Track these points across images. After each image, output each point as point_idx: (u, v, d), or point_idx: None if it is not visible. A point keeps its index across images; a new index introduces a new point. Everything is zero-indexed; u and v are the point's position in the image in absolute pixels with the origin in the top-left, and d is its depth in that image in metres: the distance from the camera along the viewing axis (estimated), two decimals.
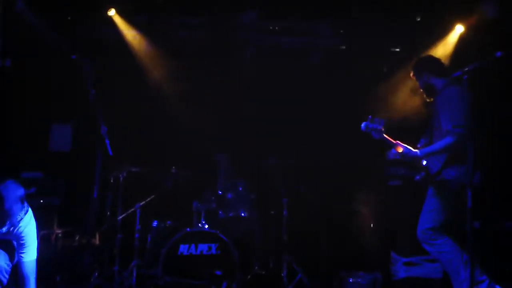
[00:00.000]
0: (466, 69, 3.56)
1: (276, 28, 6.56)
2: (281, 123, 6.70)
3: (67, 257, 5.64)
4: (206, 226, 5.38)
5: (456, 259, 4.05)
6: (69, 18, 6.07)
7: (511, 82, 5.49)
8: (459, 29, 6.03)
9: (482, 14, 5.72)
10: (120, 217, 5.53)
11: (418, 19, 6.11)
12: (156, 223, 5.65)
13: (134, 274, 5.19)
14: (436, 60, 4.49)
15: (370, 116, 4.09)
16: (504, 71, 4.88)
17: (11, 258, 3.78)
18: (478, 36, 5.80)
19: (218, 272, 5.09)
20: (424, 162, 4.26)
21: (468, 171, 3.56)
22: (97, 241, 5.82)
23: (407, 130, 6.05)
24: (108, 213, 5.86)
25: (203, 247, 5.18)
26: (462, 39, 6.04)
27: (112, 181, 5.77)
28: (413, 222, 5.27)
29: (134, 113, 6.50)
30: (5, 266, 3.71)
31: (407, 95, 6.57)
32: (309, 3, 6.02)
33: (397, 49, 6.80)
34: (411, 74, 4.51)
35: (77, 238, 5.82)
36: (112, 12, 6.06)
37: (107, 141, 3.86)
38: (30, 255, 3.80)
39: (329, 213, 6.44)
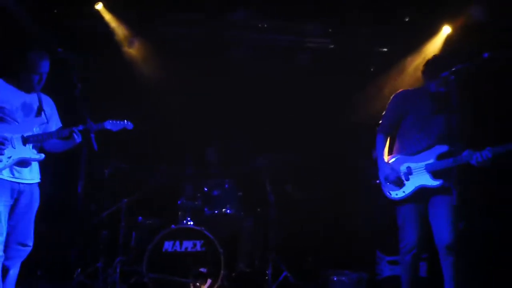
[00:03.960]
0: (453, 69, 3.56)
1: (266, 26, 6.53)
2: (268, 122, 6.68)
3: (50, 252, 5.58)
4: (191, 223, 5.35)
5: None
6: (55, 11, 6.00)
7: (498, 84, 5.52)
8: (446, 30, 6.07)
9: (469, 16, 5.74)
10: (105, 213, 5.49)
11: (407, 19, 6.12)
12: (141, 219, 5.61)
13: (118, 271, 5.16)
14: None
15: None
16: (491, 72, 4.89)
17: None
18: (466, 38, 5.82)
19: (203, 269, 5.06)
20: None
21: (454, 171, 3.60)
22: (81, 237, 5.77)
23: None
24: (93, 209, 5.82)
25: (188, 244, 5.16)
26: (449, 40, 6.07)
27: (97, 177, 5.73)
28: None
29: (120, 108, 6.44)
30: None
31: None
32: (298, 1, 6.01)
33: (385, 49, 6.82)
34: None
35: (61, 234, 5.77)
36: (99, 6, 5.99)
37: (92, 136, 3.80)
38: None
39: (316, 212, 6.45)
